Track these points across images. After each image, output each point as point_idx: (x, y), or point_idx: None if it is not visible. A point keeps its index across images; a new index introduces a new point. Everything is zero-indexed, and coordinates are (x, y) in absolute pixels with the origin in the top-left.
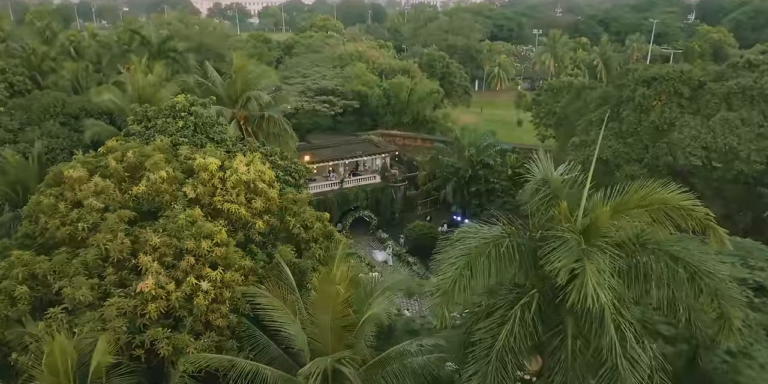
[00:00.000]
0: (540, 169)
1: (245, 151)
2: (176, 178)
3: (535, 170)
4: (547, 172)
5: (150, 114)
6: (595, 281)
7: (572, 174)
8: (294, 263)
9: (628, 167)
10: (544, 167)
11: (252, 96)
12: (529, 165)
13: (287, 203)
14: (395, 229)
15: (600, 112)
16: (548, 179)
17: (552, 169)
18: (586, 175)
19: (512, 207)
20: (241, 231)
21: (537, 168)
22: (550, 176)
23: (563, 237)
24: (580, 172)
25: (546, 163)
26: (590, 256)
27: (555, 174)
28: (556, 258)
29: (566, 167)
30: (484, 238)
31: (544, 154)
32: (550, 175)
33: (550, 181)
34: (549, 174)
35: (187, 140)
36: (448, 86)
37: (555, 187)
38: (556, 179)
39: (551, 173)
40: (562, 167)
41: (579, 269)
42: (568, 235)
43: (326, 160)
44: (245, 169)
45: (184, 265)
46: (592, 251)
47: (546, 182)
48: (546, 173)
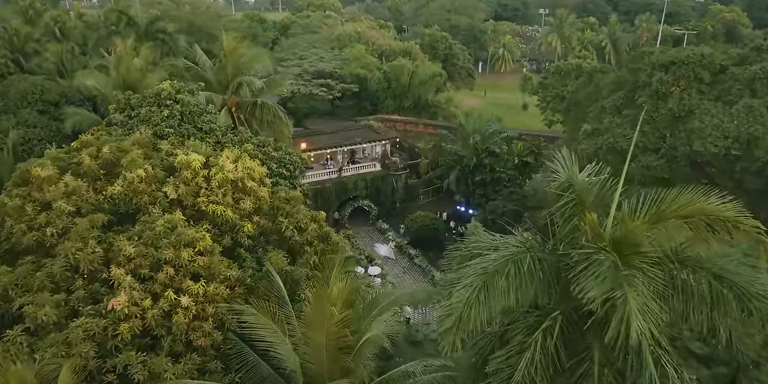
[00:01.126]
0: (563, 170)
1: (236, 142)
2: (156, 176)
3: (559, 170)
4: (572, 174)
5: (133, 102)
6: (638, 314)
7: (600, 176)
8: (286, 272)
9: (644, 158)
10: (567, 167)
11: (244, 81)
12: (539, 154)
13: (279, 202)
14: (396, 219)
15: (614, 98)
16: (572, 182)
17: (576, 170)
18: (614, 178)
19: (519, 197)
20: (229, 234)
21: (560, 168)
22: (575, 178)
23: (596, 258)
24: (610, 174)
25: (569, 162)
26: (631, 283)
27: (580, 176)
28: (590, 283)
29: (593, 167)
30: (502, 254)
31: (567, 153)
32: (575, 178)
33: (575, 184)
34: (573, 176)
35: (173, 131)
36: (451, 68)
37: (580, 192)
38: (581, 182)
39: (576, 175)
40: (588, 168)
41: (619, 299)
42: (603, 256)
43: (324, 148)
44: (232, 167)
45: (162, 277)
46: (633, 276)
47: (570, 185)
48: (570, 175)
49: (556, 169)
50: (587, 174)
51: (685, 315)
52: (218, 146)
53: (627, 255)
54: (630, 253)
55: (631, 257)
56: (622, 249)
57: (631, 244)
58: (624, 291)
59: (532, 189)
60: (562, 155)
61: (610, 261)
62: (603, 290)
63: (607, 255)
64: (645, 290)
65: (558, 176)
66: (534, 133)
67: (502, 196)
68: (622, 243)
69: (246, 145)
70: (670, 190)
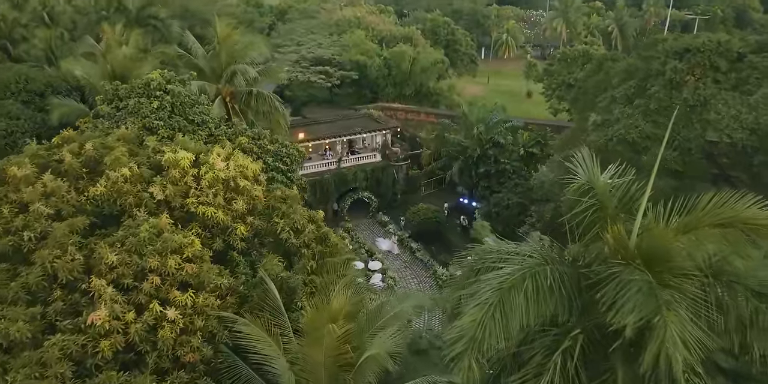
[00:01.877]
0: (583, 171)
1: (230, 135)
2: (142, 176)
3: (578, 172)
4: (592, 176)
5: (121, 93)
6: (678, 342)
7: (624, 178)
8: (281, 278)
9: (657, 150)
10: (587, 169)
11: (238, 70)
12: (546, 145)
13: (275, 202)
14: (397, 212)
15: (625, 87)
16: (593, 185)
17: (597, 171)
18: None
19: (524, 190)
20: (220, 237)
21: (579, 169)
22: (596, 181)
23: (628, 278)
24: (634, 176)
25: (590, 163)
26: (670, 307)
27: (601, 178)
28: (623, 306)
29: (615, 169)
30: (519, 268)
31: (587, 152)
32: (596, 180)
33: (596, 187)
34: (594, 178)
35: (163, 123)
36: (453, 55)
37: (602, 197)
38: (603, 186)
39: (597, 178)
40: (610, 169)
41: (657, 325)
42: (636, 275)
43: (322, 138)
44: (223, 165)
45: (147, 287)
46: (671, 297)
47: (590, 189)
48: (590, 177)
49: (575, 171)
50: (609, 176)
51: (717, 332)
52: (211, 139)
53: (657, 269)
54: (660, 267)
55: (662, 272)
56: (651, 262)
57: (661, 256)
58: (663, 316)
59: (538, 181)
60: (582, 155)
61: (643, 281)
62: (639, 316)
63: (639, 273)
64: (685, 314)
65: (577, 178)
66: (540, 122)
67: (507, 189)
68: (650, 255)
69: (240, 138)
70: (701, 196)
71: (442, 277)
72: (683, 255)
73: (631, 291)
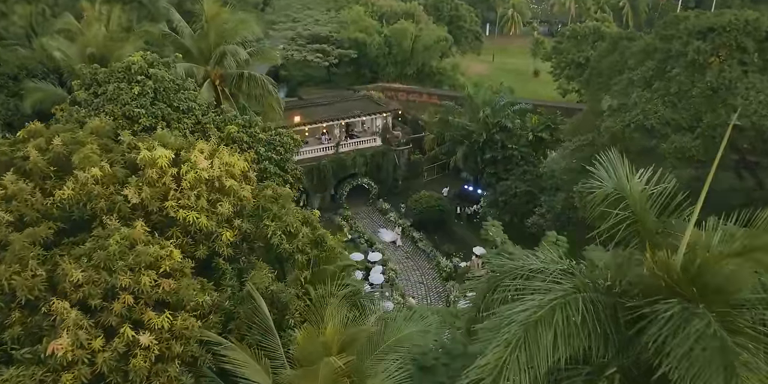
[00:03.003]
0: (609, 177)
1: (218, 122)
2: (115, 176)
3: (603, 177)
4: (622, 183)
5: (100, 77)
6: None
7: (663, 185)
8: (272, 292)
9: (677, 138)
10: (614, 173)
11: (228, 51)
12: (556, 129)
13: (265, 202)
14: (398, 199)
15: (643, 69)
16: (624, 193)
17: (629, 176)
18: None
19: (533, 177)
20: (204, 244)
21: (605, 174)
22: (628, 190)
23: (682, 317)
24: (674, 183)
25: (619, 166)
26: (750, 368)
27: (635, 185)
28: (680, 363)
29: (649, 173)
30: (548, 298)
31: (616, 153)
32: (628, 189)
33: (628, 197)
34: (625, 186)
35: (145, 111)
36: (457, 32)
37: (637, 208)
38: (638, 195)
39: (629, 185)
40: (643, 173)
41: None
42: (695, 318)
43: (319, 121)
44: (206, 164)
45: (118, 308)
46: (747, 356)
47: (621, 198)
48: (620, 184)
49: (597, 176)
50: (640, 180)
51: None
52: (198, 127)
53: (713, 302)
54: (717, 298)
55: (721, 306)
56: (705, 292)
57: (718, 285)
58: (735, 373)
59: (549, 170)
60: (609, 156)
61: (704, 324)
62: (713, 376)
63: (695, 311)
64: (764, 366)
65: (602, 185)
66: (549, 104)
67: (515, 176)
68: (703, 283)
69: (229, 126)
70: (761, 210)
71: (446, 269)
72: (745, 283)
73: (689, 340)
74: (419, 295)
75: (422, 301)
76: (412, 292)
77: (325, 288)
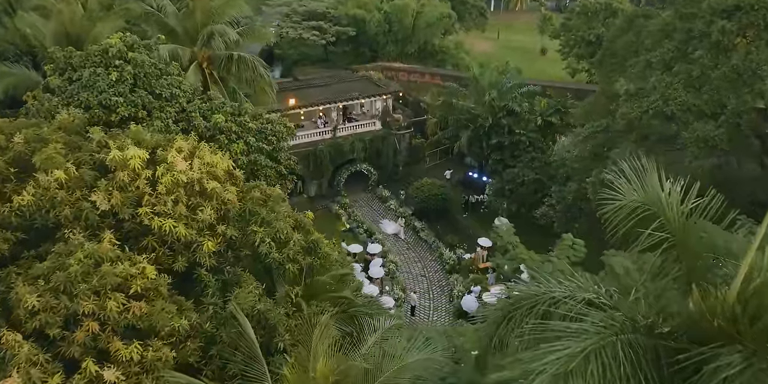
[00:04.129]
0: (634, 188)
1: (204, 111)
2: (82, 179)
3: (625, 189)
4: (655, 195)
5: (75, 61)
6: None
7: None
8: (259, 312)
9: (699, 126)
10: (640, 184)
11: (215, 31)
12: (566, 113)
13: (252, 205)
14: (398, 185)
15: (662, 51)
16: (657, 209)
17: (662, 187)
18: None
19: (541, 164)
20: (183, 254)
21: (627, 186)
22: (662, 204)
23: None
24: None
25: (648, 176)
26: None
27: (673, 199)
28: None
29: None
30: (582, 345)
31: (646, 162)
32: (662, 202)
33: (663, 212)
34: (659, 199)
35: (123, 99)
36: (461, 7)
37: (676, 228)
38: (677, 211)
39: (662, 198)
40: (670, 185)
41: None
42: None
43: (315, 104)
44: (185, 165)
45: (81, 337)
46: None
47: (654, 215)
48: (652, 196)
49: (619, 188)
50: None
51: None
52: (182, 116)
53: None
54: None
55: None
56: None
57: None
58: None
59: (559, 158)
60: (633, 163)
61: None
62: None
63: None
64: None
65: (623, 197)
66: (558, 85)
67: (522, 163)
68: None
69: (216, 115)
70: None
71: (449, 261)
72: None
73: None
74: (421, 289)
75: (424, 295)
76: (413, 286)
77: (319, 304)
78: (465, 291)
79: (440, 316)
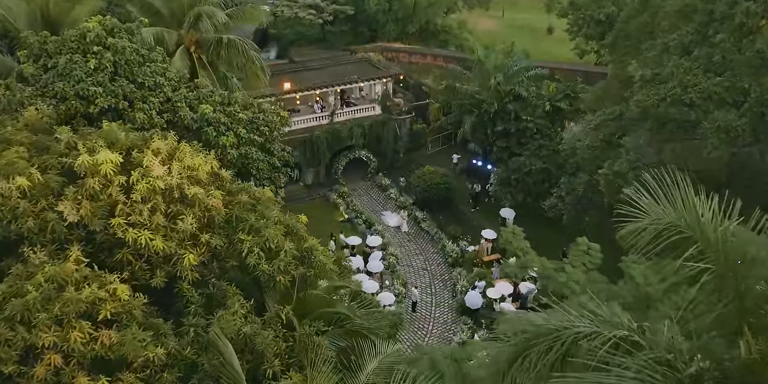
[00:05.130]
0: (663, 206)
1: (191, 100)
2: (48, 186)
3: (648, 205)
4: (690, 215)
5: (50, 48)
6: None
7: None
8: (245, 335)
9: (720, 114)
10: (668, 202)
11: (203, 13)
12: (576, 98)
13: (240, 210)
14: (399, 173)
15: (680, 34)
16: (694, 232)
17: (700, 204)
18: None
19: (550, 152)
20: (162, 268)
21: (651, 205)
22: (701, 226)
23: None
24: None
25: (682, 192)
26: None
27: (706, 218)
28: None
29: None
30: None
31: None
32: (701, 225)
33: (702, 237)
34: (696, 220)
35: (102, 90)
36: None
37: (720, 257)
38: (721, 237)
39: (698, 218)
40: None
41: None
42: None
43: (312, 88)
44: (163, 170)
45: (41, 373)
46: None
47: (689, 239)
48: (685, 216)
49: (637, 203)
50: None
51: None
52: (167, 107)
53: None
54: None
55: None
56: None
57: None
58: None
59: (569, 148)
60: (658, 179)
61: None
62: None
63: None
64: None
65: (647, 214)
66: (566, 67)
67: (529, 151)
68: None
69: (203, 106)
70: None
71: (452, 254)
72: None
73: None
74: (423, 284)
75: (426, 290)
76: (414, 280)
77: (313, 324)
78: (469, 286)
79: (443, 312)
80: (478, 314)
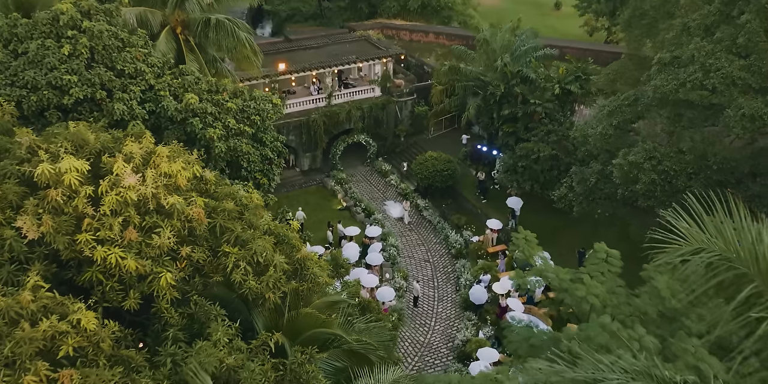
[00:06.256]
0: (710, 236)
1: (176, 88)
2: (6, 198)
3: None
4: (744, 246)
5: (20, 32)
6: None
7: None
8: (227, 368)
9: (744, 101)
10: (715, 230)
11: None
12: (587, 80)
13: (224, 220)
14: (400, 158)
15: (702, 13)
16: (749, 266)
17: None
18: None
19: (559, 138)
20: (135, 288)
21: (693, 232)
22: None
23: None
24: None
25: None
26: None
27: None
28: None
29: None
30: None
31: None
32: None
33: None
34: (750, 252)
35: (78, 78)
36: None
37: None
38: None
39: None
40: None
41: None
42: None
43: (308, 69)
44: (135, 179)
45: None
46: None
47: (744, 276)
48: (737, 247)
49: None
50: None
51: None
52: (149, 96)
53: None
54: None
55: None
56: None
57: None
58: None
59: (581, 136)
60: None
61: None
62: None
63: None
64: None
65: (686, 244)
66: (575, 45)
67: (537, 137)
68: None
69: (189, 95)
70: None
71: (455, 245)
72: None
73: None
74: (425, 277)
75: (428, 283)
76: (416, 273)
77: (305, 350)
78: (473, 280)
79: (445, 307)
80: (482, 310)
